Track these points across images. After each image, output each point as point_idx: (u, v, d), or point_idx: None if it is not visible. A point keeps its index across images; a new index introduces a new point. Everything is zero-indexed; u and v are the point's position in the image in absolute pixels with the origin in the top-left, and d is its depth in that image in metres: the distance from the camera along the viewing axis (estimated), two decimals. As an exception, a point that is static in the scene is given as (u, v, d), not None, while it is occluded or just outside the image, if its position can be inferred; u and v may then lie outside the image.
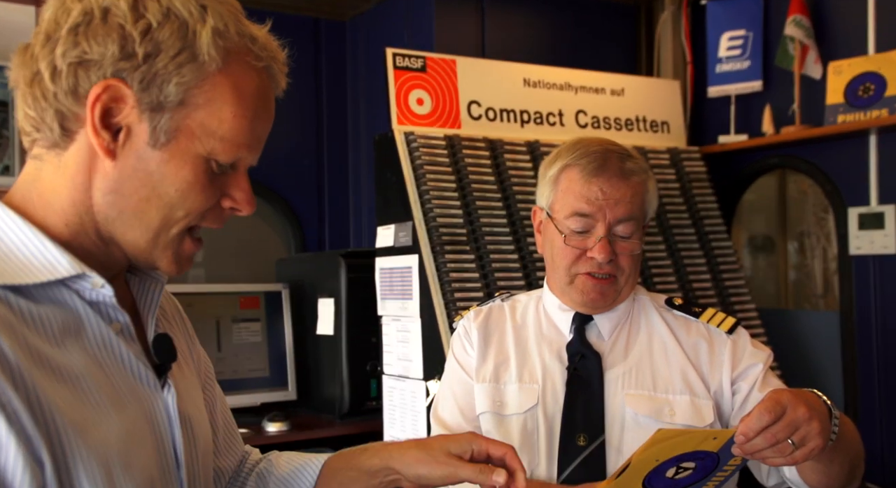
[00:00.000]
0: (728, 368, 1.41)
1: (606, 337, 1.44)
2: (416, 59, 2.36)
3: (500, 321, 1.53)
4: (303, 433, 2.43)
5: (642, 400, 1.37)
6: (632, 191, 1.38)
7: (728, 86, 2.84)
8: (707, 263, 2.57)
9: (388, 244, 2.29)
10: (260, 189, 3.18)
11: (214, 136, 0.80)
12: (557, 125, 2.56)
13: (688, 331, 1.45)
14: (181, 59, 0.78)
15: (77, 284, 0.80)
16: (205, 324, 2.57)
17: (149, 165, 0.79)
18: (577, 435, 1.36)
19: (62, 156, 0.80)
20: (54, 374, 0.74)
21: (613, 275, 1.39)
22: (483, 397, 1.46)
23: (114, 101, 0.78)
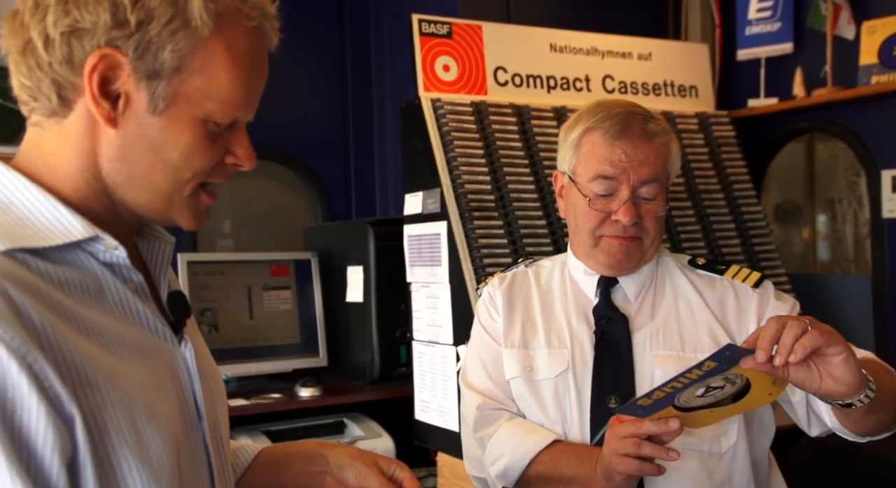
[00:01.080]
0: (754, 321, 1.41)
1: (633, 299, 1.45)
2: (441, 25, 2.35)
3: (524, 286, 1.54)
4: (335, 398, 2.48)
5: (670, 361, 1.38)
6: (655, 152, 1.39)
7: (758, 48, 2.80)
8: (736, 228, 2.56)
9: (416, 211, 2.30)
10: (286, 158, 3.20)
11: (212, 99, 0.81)
12: (584, 90, 2.54)
13: (713, 288, 1.45)
14: (174, 25, 0.78)
15: (91, 247, 0.81)
16: (237, 291, 2.61)
17: (150, 131, 0.81)
18: (607, 398, 1.37)
19: (62, 123, 0.81)
20: (80, 329, 0.76)
21: (638, 236, 1.40)
22: (512, 362, 1.47)
23: (110, 69, 0.78)
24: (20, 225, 0.77)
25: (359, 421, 2.49)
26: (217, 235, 3.20)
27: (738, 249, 2.53)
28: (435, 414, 2.28)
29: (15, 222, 0.77)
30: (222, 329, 2.56)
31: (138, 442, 0.77)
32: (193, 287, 2.52)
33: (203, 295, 2.54)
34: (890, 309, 2.54)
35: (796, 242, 3.31)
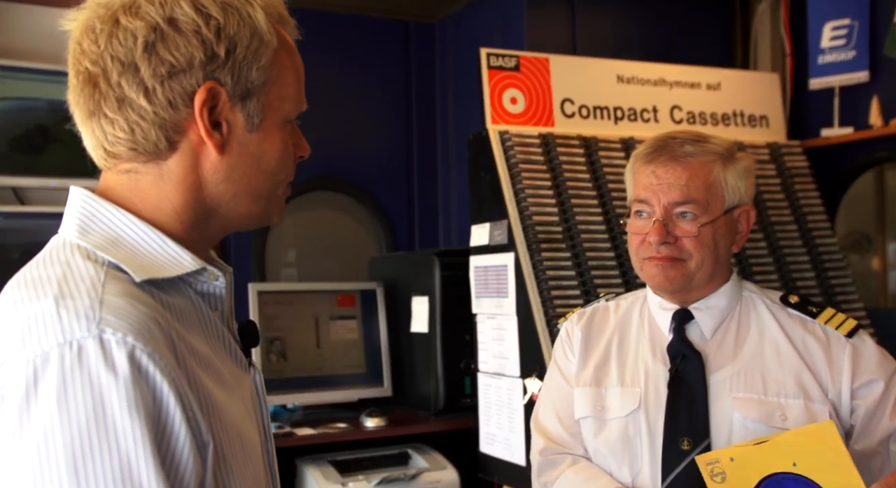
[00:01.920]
0: (848, 376, 1.34)
1: (709, 335, 1.41)
2: (509, 58, 2.37)
3: (603, 323, 1.52)
4: (399, 428, 2.48)
5: (751, 404, 1.33)
6: (688, 173, 1.37)
7: (831, 77, 2.74)
8: (811, 261, 2.49)
9: (483, 242, 2.31)
10: (351, 188, 3.25)
11: (287, 101, 0.87)
12: (652, 121, 2.53)
13: (803, 331, 1.39)
14: (254, 45, 0.82)
15: (193, 277, 0.84)
16: (304, 321, 2.65)
17: (250, 148, 0.85)
18: (680, 439, 1.33)
19: (163, 165, 0.83)
20: (197, 359, 0.78)
21: (676, 258, 1.37)
22: (584, 401, 1.45)
23: (213, 100, 0.81)
24: (137, 257, 0.80)
25: (423, 453, 2.48)
26: (282, 265, 3.26)
27: (813, 282, 2.46)
28: (500, 447, 2.25)
29: (130, 256, 0.80)
30: (290, 358, 2.60)
31: (244, 471, 0.80)
32: (263, 316, 2.57)
33: (272, 324, 2.58)
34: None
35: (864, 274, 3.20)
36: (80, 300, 0.72)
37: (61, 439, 0.67)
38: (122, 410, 0.68)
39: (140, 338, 0.71)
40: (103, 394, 0.68)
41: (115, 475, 0.67)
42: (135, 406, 0.69)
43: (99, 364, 0.69)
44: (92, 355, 0.69)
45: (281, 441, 2.31)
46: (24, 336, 0.70)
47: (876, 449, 1.30)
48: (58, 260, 0.78)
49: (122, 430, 0.68)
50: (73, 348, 0.69)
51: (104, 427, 0.68)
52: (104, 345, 0.69)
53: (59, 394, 0.67)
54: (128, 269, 0.78)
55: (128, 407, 0.68)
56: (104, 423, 0.68)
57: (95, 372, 0.68)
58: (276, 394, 2.53)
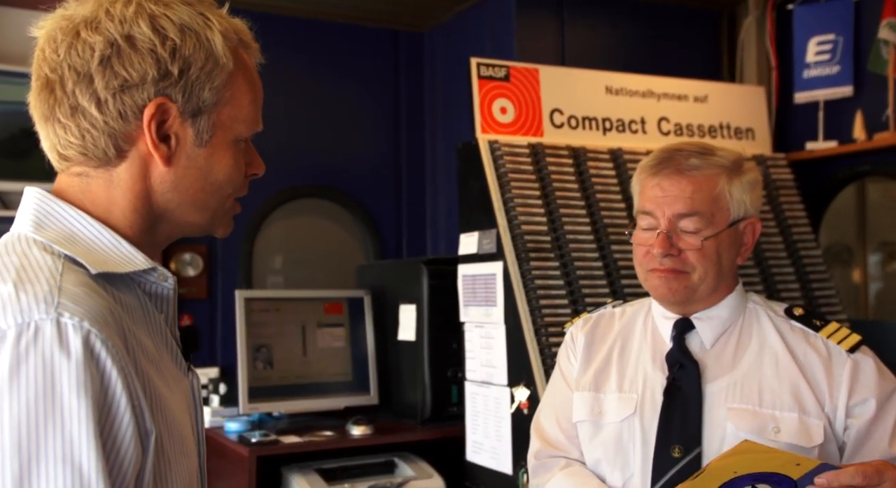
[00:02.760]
0: (845, 392, 1.33)
1: (709, 345, 1.41)
2: (499, 68, 2.38)
3: (607, 329, 1.53)
4: (386, 437, 2.47)
5: (745, 415, 1.33)
6: (693, 186, 1.37)
7: (816, 91, 2.78)
8: (795, 272, 2.51)
9: (472, 251, 2.31)
10: (339, 196, 3.25)
11: (240, 122, 0.91)
12: (640, 132, 2.55)
13: (805, 344, 1.38)
14: (208, 67, 0.87)
15: (143, 277, 0.88)
16: (291, 328, 2.64)
17: (198, 162, 0.89)
18: (671, 447, 1.34)
19: (113, 171, 0.87)
20: (145, 354, 0.82)
21: (679, 270, 1.37)
22: (582, 406, 1.46)
23: (162, 115, 0.86)
24: (90, 253, 0.84)
25: (409, 461, 2.47)
26: (268, 271, 3.25)
27: (798, 293, 2.48)
28: (487, 455, 2.25)
29: (85, 251, 0.84)
30: (276, 365, 2.59)
31: (180, 465, 0.84)
32: (249, 323, 2.56)
33: (258, 331, 2.57)
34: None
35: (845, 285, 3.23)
36: (38, 285, 0.76)
37: (8, 414, 0.70)
38: (70, 391, 0.71)
39: (95, 324, 0.75)
40: (54, 374, 0.71)
41: (56, 453, 0.70)
42: (83, 388, 0.72)
43: (53, 345, 0.72)
44: (48, 336, 0.72)
45: (266, 449, 2.29)
46: None
47: None
48: (14, 251, 0.81)
49: (68, 410, 0.71)
50: (31, 329, 0.72)
51: (51, 406, 0.70)
52: (60, 327, 0.73)
53: (12, 371, 0.70)
54: (84, 262, 0.81)
55: (76, 389, 0.71)
56: (52, 402, 0.71)
57: (49, 353, 0.72)
58: (262, 402, 2.52)
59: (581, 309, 2.16)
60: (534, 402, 2.07)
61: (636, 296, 2.23)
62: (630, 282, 2.25)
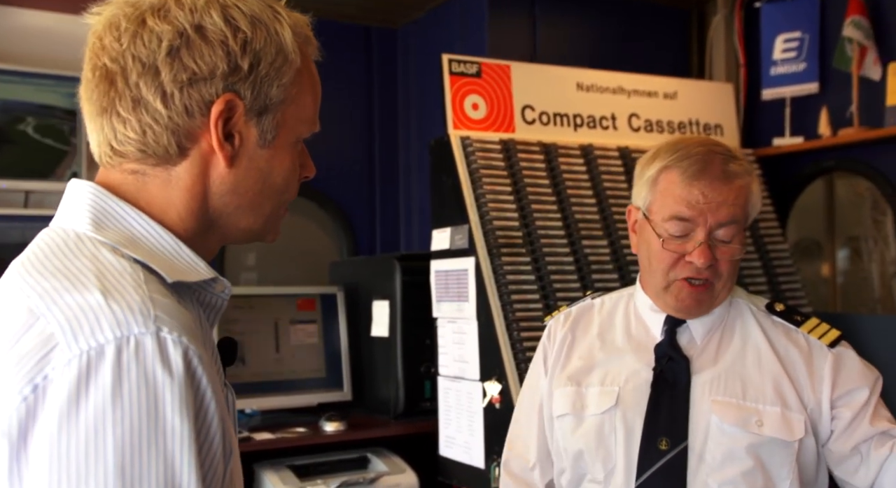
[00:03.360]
0: (828, 386, 1.34)
1: (699, 341, 1.40)
2: (471, 64, 2.39)
3: (588, 322, 1.51)
4: (359, 432, 2.47)
5: (729, 408, 1.33)
6: (734, 194, 1.33)
7: (783, 88, 2.82)
8: (763, 266, 2.56)
9: (444, 247, 2.32)
10: (312, 193, 3.24)
11: (302, 122, 0.87)
12: (610, 129, 2.57)
13: (787, 339, 1.39)
14: (278, 63, 0.82)
15: (202, 287, 0.83)
16: (264, 324, 2.63)
17: (259, 163, 0.84)
18: (658, 439, 1.34)
19: (171, 170, 0.81)
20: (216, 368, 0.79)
21: (711, 281, 1.34)
22: (564, 400, 1.45)
23: (229, 112, 0.81)
24: (156, 259, 0.78)
25: (382, 457, 2.48)
26: (241, 268, 3.23)
27: (765, 287, 2.52)
28: (460, 450, 2.27)
29: (150, 256, 0.78)
30: (249, 362, 2.58)
31: (237, 479, 0.81)
32: (221, 319, 2.53)
33: (231, 328, 2.56)
34: (920, 350, 2.51)
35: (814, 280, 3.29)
36: (129, 295, 0.70)
37: (112, 435, 0.65)
38: (174, 411, 0.67)
39: (192, 339, 0.71)
40: (157, 393, 0.67)
41: (159, 476, 0.66)
42: (186, 407, 0.68)
43: (156, 361, 0.68)
44: (149, 352, 0.68)
45: (239, 446, 2.28)
46: (74, 327, 0.68)
47: (852, 452, 1.32)
48: (81, 252, 0.75)
49: (170, 432, 0.67)
50: (131, 343, 0.67)
51: (155, 426, 0.67)
52: (161, 342, 0.68)
53: (115, 389, 0.66)
54: (158, 269, 0.76)
55: (179, 409, 0.68)
56: (155, 423, 0.67)
57: (151, 370, 0.67)
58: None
59: (552, 304, 2.18)
60: (506, 396, 2.08)
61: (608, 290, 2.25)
62: (601, 277, 2.28)
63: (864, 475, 1.30)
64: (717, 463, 1.30)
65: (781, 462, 1.31)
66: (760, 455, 1.30)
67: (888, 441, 1.29)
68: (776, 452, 1.31)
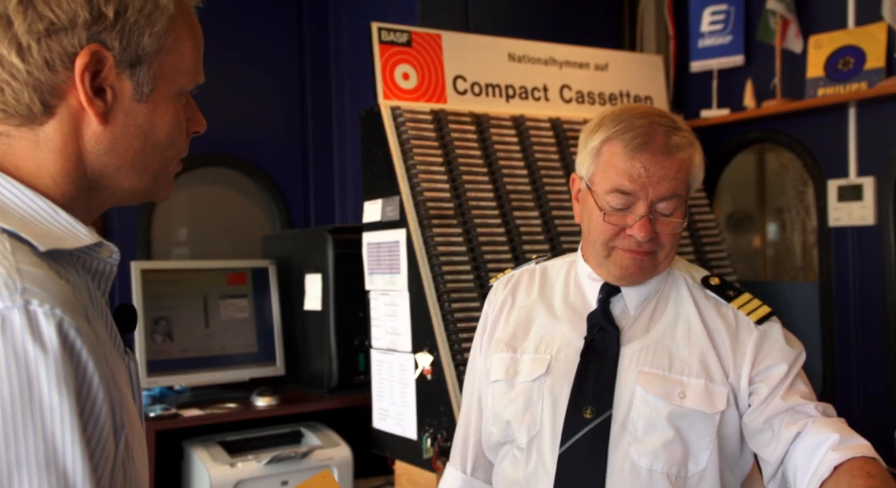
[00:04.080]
0: (749, 361, 1.35)
1: (631, 311, 1.41)
2: (401, 33, 2.35)
3: (528, 287, 1.51)
4: (292, 407, 2.45)
5: (654, 380, 1.34)
6: (676, 167, 1.32)
7: (710, 60, 2.87)
8: (690, 236, 2.61)
9: (376, 219, 2.30)
10: (244, 165, 3.17)
11: (182, 72, 0.82)
12: (542, 100, 2.57)
13: (717, 314, 1.40)
14: (148, 9, 0.77)
15: (85, 253, 0.78)
16: (192, 300, 2.57)
17: (138, 119, 0.80)
18: (584, 408, 1.35)
19: (39, 130, 0.76)
20: (98, 339, 0.74)
21: (653, 250, 1.35)
22: (499, 366, 1.46)
23: (97, 64, 0.76)
24: (29, 227, 0.73)
25: (316, 431, 2.47)
26: (172, 243, 3.15)
27: (693, 257, 2.58)
28: (393, 422, 2.27)
29: (23, 225, 0.73)
30: (177, 338, 2.52)
31: (141, 455, 0.77)
32: (147, 295, 2.48)
33: (157, 304, 2.50)
34: (837, 315, 2.61)
35: (747, 250, 3.39)
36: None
37: None
38: (50, 387, 0.64)
39: (67, 310, 0.66)
40: (30, 370, 0.63)
41: (38, 455, 0.63)
42: (64, 383, 0.64)
43: (26, 336, 0.64)
44: (17, 327, 0.64)
45: (167, 423, 2.24)
46: None
47: (764, 426, 1.33)
48: None
49: (48, 409, 0.63)
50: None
51: (30, 404, 0.63)
52: (31, 316, 0.64)
53: None
54: (28, 238, 0.71)
55: (56, 384, 0.64)
56: (30, 401, 0.63)
57: (21, 346, 0.63)
58: (162, 376, 2.45)
59: (484, 275, 2.18)
60: (437, 368, 2.09)
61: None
62: (531, 248, 2.29)
63: (774, 449, 1.32)
64: (639, 432, 1.32)
65: (701, 433, 1.33)
66: (680, 426, 1.32)
67: (800, 419, 1.31)
68: (697, 423, 1.33)
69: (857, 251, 2.55)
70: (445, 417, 2.07)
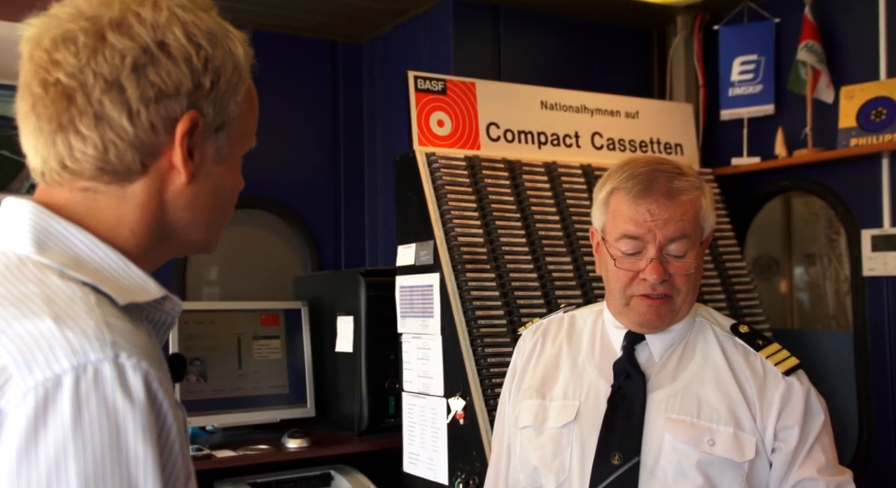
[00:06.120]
0: (775, 413, 1.36)
1: (657, 358, 1.43)
2: (436, 81, 2.41)
3: (556, 335, 1.54)
4: (322, 449, 2.45)
5: (682, 427, 1.35)
6: (682, 209, 1.36)
7: (740, 109, 2.89)
8: (721, 283, 2.61)
9: (409, 263, 2.33)
10: (277, 207, 3.23)
11: (248, 137, 0.90)
12: (574, 146, 2.61)
13: (745, 362, 1.41)
14: (234, 79, 0.84)
15: (151, 305, 0.82)
16: (226, 340, 2.60)
17: (215, 179, 0.86)
18: (612, 454, 1.36)
19: (127, 187, 0.80)
20: None
21: (669, 294, 1.37)
22: (527, 412, 1.48)
23: (193, 129, 0.81)
24: (104, 280, 0.76)
25: (346, 474, 2.46)
26: (203, 283, 3.19)
27: (724, 304, 2.57)
28: (424, 466, 2.26)
29: (97, 278, 0.76)
30: (210, 379, 2.54)
31: None
32: (182, 335, 2.51)
33: (192, 344, 2.53)
34: (872, 366, 2.58)
35: (773, 296, 3.37)
36: (82, 321, 0.68)
37: (74, 466, 0.64)
38: (136, 439, 0.66)
39: (150, 363, 0.69)
40: (118, 422, 0.66)
41: None
42: (148, 434, 0.67)
43: (115, 389, 0.66)
44: (108, 379, 0.66)
45: (200, 464, 2.25)
46: (27, 357, 0.66)
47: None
48: (25, 277, 0.73)
49: (134, 460, 0.66)
50: (88, 371, 0.66)
51: (117, 455, 0.65)
52: (120, 369, 0.67)
53: (75, 420, 0.64)
54: (109, 292, 0.74)
55: (142, 436, 0.67)
56: (117, 452, 0.65)
57: (111, 398, 0.66)
58: (196, 416, 2.47)
59: (516, 320, 2.19)
60: (469, 412, 2.09)
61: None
62: (564, 294, 2.30)
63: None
64: (669, 479, 1.32)
65: (731, 481, 1.33)
66: (710, 473, 1.32)
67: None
68: (726, 471, 1.32)
69: (892, 301, 2.53)
70: (478, 463, 2.06)
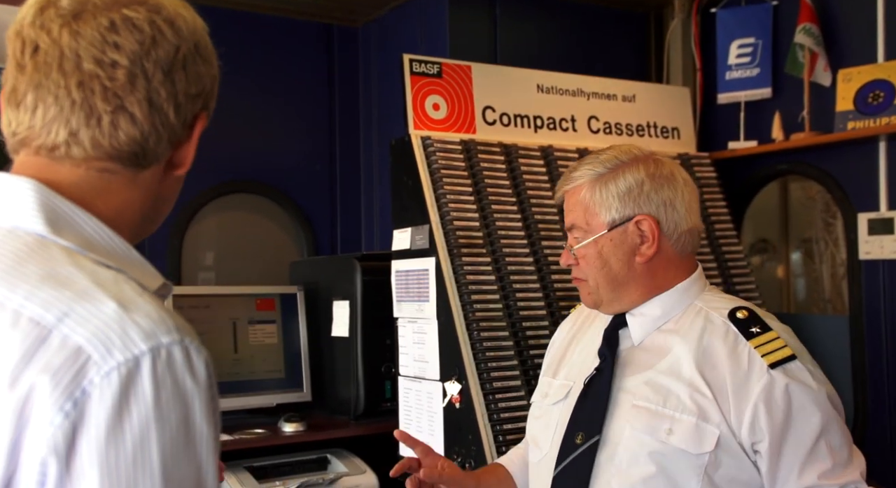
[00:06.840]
0: (751, 409, 1.28)
1: (637, 342, 1.43)
2: (432, 64, 2.39)
3: (585, 319, 1.62)
4: (318, 433, 2.46)
5: (644, 415, 1.33)
6: (573, 199, 1.46)
7: (738, 92, 2.88)
8: (718, 267, 2.61)
9: (405, 247, 2.32)
10: (272, 192, 3.21)
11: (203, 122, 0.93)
12: (570, 130, 2.60)
13: (731, 352, 1.33)
14: (216, 80, 0.89)
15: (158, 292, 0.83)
16: (221, 325, 2.60)
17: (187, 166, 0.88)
18: (576, 434, 1.41)
19: (139, 173, 0.82)
20: None
21: (581, 278, 1.47)
22: (539, 388, 1.61)
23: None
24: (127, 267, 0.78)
25: (342, 457, 2.47)
26: (199, 267, 3.19)
27: (721, 287, 2.57)
28: (420, 450, 2.26)
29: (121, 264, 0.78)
30: (206, 362, 2.54)
31: None
32: (178, 320, 2.50)
33: (187, 328, 2.53)
34: (868, 349, 2.59)
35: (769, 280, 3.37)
36: (144, 306, 0.71)
37: (156, 445, 0.67)
38: (202, 418, 0.70)
39: (205, 348, 0.73)
40: (187, 402, 0.69)
41: (192, 479, 0.69)
42: (211, 414, 0.71)
43: (184, 371, 0.70)
44: (179, 362, 0.69)
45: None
46: (103, 339, 0.67)
47: None
48: (54, 258, 0.72)
49: (199, 438, 0.70)
50: (162, 354, 0.69)
51: (187, 434, 0.69)
52: (187, 352, 0.70)
53: (156, 400, 0.68)
54: (137, 278, 0.76)
55: (205, 416, 0.71)
56: (187, 430, 0.69)
57: (182, 379, 0.69)
58: (192, 400, 2.47)
59: (512, 304, 2.19)
60: (465, 396, 2.09)
61: (565, 291, 2.28)
62: (559, 277, 2.30)
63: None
64: (623, 465, 1.33)
65: (688, 474, 1.28)
66: (664, 463, 1.29)
67: None
68: (681, 462, 1.28)
69: (888, 284, 2.54)
70: (474, 447, 2.06)
